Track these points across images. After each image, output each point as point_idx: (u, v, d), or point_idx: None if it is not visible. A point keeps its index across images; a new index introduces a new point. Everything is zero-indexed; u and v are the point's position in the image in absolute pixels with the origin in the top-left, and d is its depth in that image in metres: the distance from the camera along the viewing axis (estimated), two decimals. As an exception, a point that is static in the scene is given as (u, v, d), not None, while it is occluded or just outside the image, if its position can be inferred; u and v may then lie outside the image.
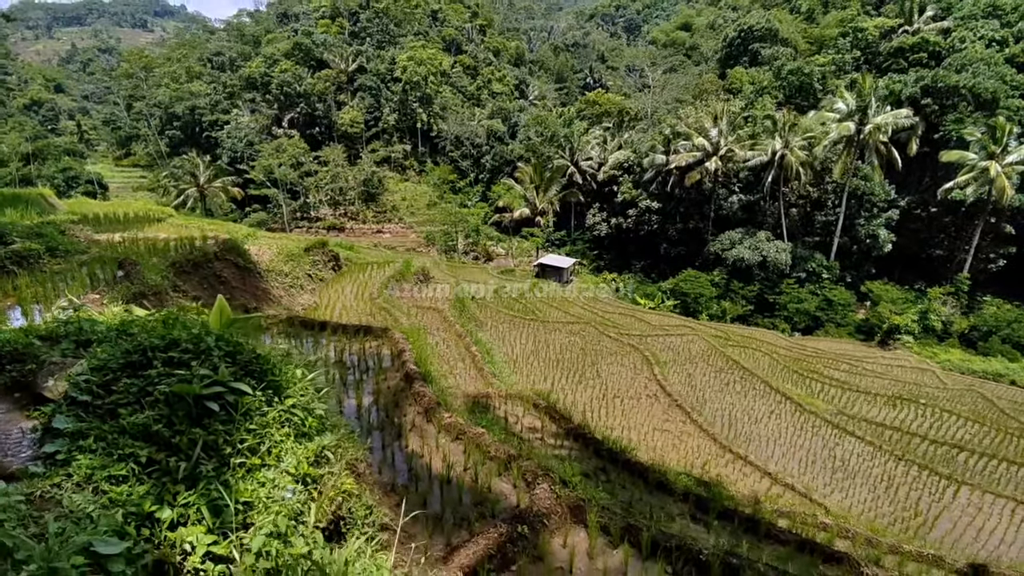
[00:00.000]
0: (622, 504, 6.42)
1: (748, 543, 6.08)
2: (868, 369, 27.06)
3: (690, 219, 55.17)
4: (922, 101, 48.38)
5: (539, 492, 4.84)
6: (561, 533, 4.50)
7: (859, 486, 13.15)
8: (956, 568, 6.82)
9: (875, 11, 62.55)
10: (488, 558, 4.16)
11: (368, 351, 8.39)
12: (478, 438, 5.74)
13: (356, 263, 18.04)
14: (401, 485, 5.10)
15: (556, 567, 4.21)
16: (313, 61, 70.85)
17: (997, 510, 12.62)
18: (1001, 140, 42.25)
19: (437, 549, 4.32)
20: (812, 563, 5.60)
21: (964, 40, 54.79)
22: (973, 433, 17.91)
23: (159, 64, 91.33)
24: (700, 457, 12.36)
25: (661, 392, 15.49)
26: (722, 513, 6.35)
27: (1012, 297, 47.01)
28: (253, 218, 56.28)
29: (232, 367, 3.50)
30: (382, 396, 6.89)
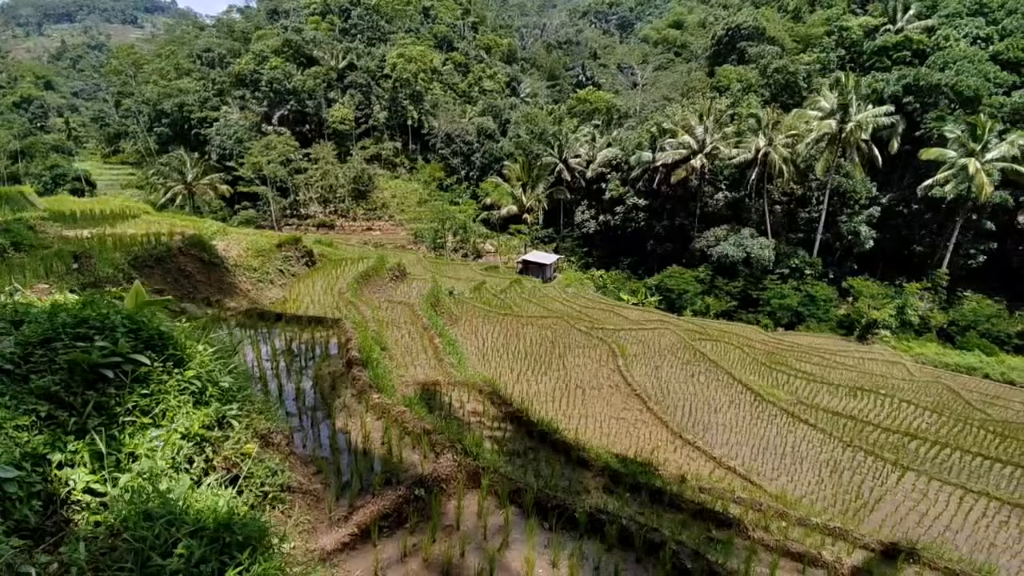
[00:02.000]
0: (544, 478, 6.91)
1: (651, 510, 6.58)
2: (839, 362, 27.67)
3: (676, 216, 55.76)
4: (904, 99, 49.01)
5: (442, 461, 5.30)
6: (458, 496, 4.96)
7: (806, 471, 13.69)
8: (863, 543, 7.31)
9: (861, 10, 63.12)
10: (384, 517, 4.62)
11: (317, 340, 8.84)
12: (400, 416, 6.19)
13: (331, 259, 18.44)
14: (321, 457, 5.56)
15: (446, 524, 4.68)
16: (303, 58, 70.91)
17: (944, 497, 13.14)
18: (981, 137, 42.87)
19: (342, 510, 4.77)
20: (705, 527, 6.10)
21: (948, 38, 55.40)
22: (930, 423, 18.50)
23: (148, 61, 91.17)
24: (651, 443, 12.86)
25: (622, 383, 15.99)
26: (634, 486, 6.83)
27: (992, 292, 47.77)
28: (242, 215, 56.51)
29: (133, 341, 3.95)
30: (322, 380, 7.34)
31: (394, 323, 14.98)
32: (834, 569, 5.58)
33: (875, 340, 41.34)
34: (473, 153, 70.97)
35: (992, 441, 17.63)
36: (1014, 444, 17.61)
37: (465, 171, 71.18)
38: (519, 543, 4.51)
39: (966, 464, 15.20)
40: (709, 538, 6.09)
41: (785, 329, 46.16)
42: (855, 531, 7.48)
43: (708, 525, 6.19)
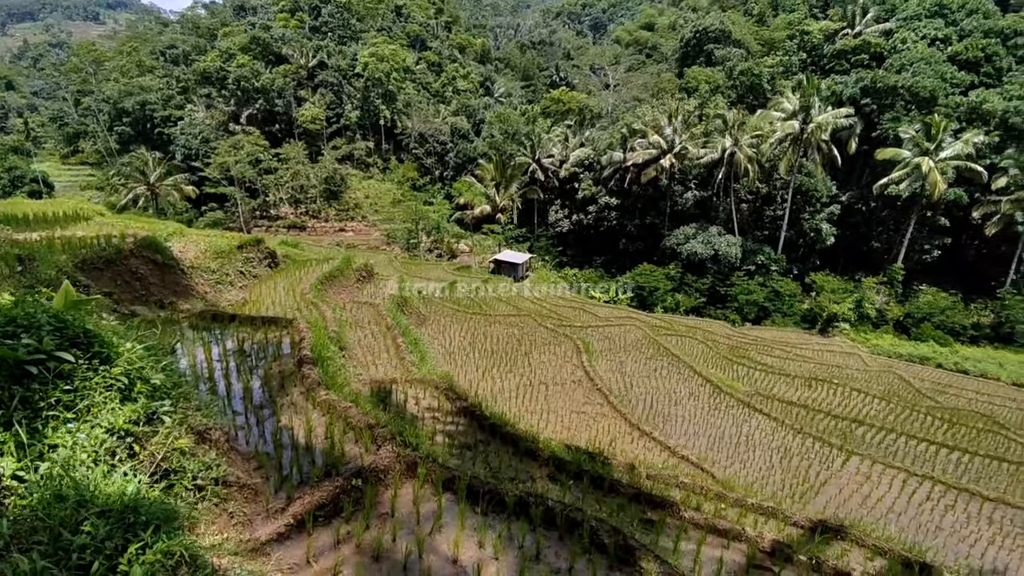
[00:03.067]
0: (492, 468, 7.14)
1: (592, 496, 6.88)
2: (799, 354, 28.70)
3: (647, 215, 56.78)
4: (862, 101, 50.98)
5: (382, 453, 5.48)
6: (394, 486, 5.15)
7: (757, 458, 14.27)
8: (794, 521, 7.77)
9: (822, 14, 65.35)
10: (320, 507, 4.77)
11: (271, 340, 8.88)
12: (345, 411, 6.33)
13: (295, 260, 18.31)
14: (263, 452, 5.66)
15: (382, 512, 4.86)
16: (271, 56, 69.62)
17: (887, 480, 13.87)
18: (935, 137, 44.79)
19: (279, 502, 4.90)
20: (641, 509, 6.43)
21: (905, 41, 57.74)
22: (878, 410, 19.42)
23: (109, 58, 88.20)
24: (610, 435, 13.24)
25: (585, 378, 16.36)
26: (577, 473, 7.13)
27: (947, 286, 50.08)
28: (209, 217, 55.21)
29: (59, 339, 4.02)
30: (271, 379, 7.42)
31: (357, 323, 15.01)
32: (755, 543, 5.95)
33: (835, 333, 42.97)
34: (447, 153, 70.86)
35: (939, 427, 18.62)
36: (962, 430, 18.64)
37: (439, 171, 71.01)
38: (450, 527, 4.72)
39: (911, 449, 16.04)
40: (644, 519, 6.42)
41: (752, 324, 47.49)
42: (787, 510, 7.93)
43: (644, 507, 6.52)
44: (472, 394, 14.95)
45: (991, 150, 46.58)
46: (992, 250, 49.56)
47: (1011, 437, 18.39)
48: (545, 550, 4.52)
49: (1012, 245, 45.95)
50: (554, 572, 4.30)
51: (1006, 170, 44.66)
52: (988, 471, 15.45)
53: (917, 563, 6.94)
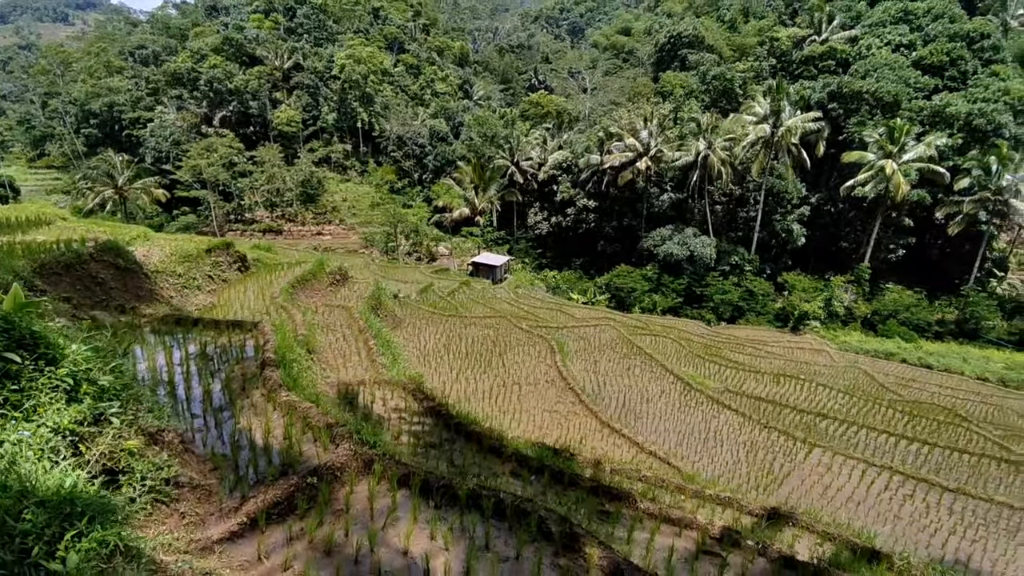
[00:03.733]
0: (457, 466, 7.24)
1: (553, 489, 7.05)
2: (770, 352, 29.43)
3: (624, 217, 57.55)
4: (829, 105, 52.59)
5: (339, 451, 5.55)
6: (350, 483, 5.22)
7: (725, 452, 14.66)
8: (749, 510, 8.06)
9: (790, 20, 67.25)
10: (275, 505, 4.82)
11: (234, 344, 8.83)
12: (306, 412, 6.38)
13: (267, 264, 18.10)
14: (220, 454, 5.67)
15: (337, 509, 4.93)
16: (245, 57, 68.55)
17: (847, 470, 14.36)
18: (898, 140, 46.44)
19: (233, 502, 4.92)
20: (599, 501, 6.62)
21: (871, 47, 59.71)
22: (842, 404, 20.08)
23: (77, 59, 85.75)
24: (580, 432, 13.46)
25: (558, 378, 16.58)
26: (539, 469, 7.29)
27: (913, 284, 51.86)
28: (181, 221, 54.08)
29: (5, 341, 4.02)
30: (233, 382, 7.40)
31: (329, 326, 14.94)
32: (706, 530, 6.18)
33: (806, 331, 44.14)
34: (426, 156, 70.70)
35: (900, 420, 19.33)
36: (923, 422, 19.38)
37: (418, 174, 70.81)
38: (403, 521, 4.82)
39: (872, 440, 16.63)
40: (601, 510, 6.61)
41: (727, 323, 48.45)
42: (742, 500, 8.22)
43: (602, 500, 6.71)
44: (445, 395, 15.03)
45: (954, 152, 48.40)
46: (956, 249, 51.50)
47: (972, 429, 19.18)
48: (494, 539, 4.65)
49: (975, 244, 47.85)
50: (502, 560, 4.44)
51: (969, 171, 46.48)
52: (949, 462, 16.10)
53: (864, 548, 7.28)
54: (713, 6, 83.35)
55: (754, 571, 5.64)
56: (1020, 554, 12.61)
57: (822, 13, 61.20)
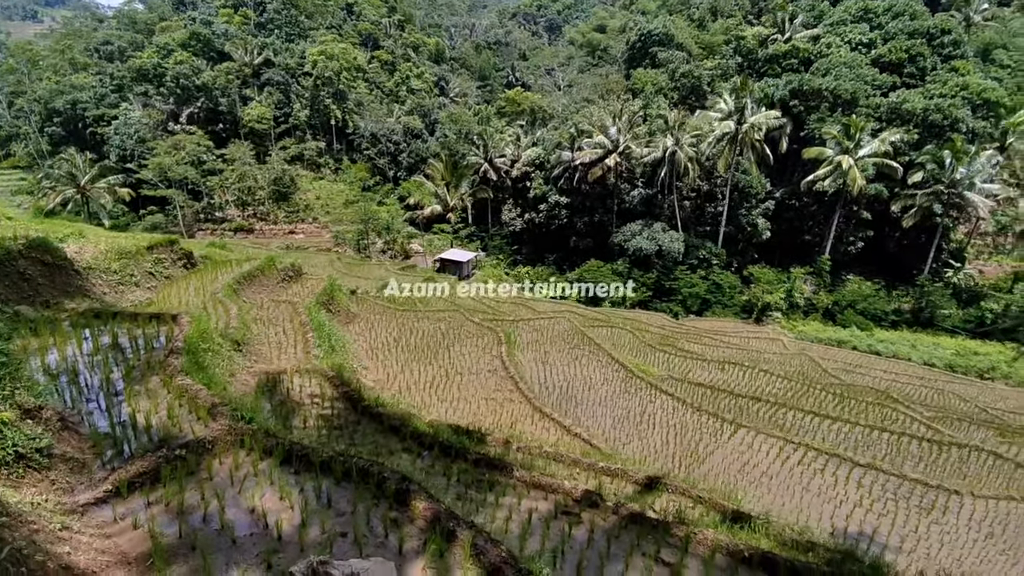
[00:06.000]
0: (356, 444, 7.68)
1: (442, 462, 7.56)
2: (725, 341, 30.37)
3: (596, 212, 58.30)
4: (791, 103, 53.92)
5: (213, 426, 5.96)
6: (221, 455, 5.65)
7: (655, 434, 15.34)
8: (634, 479, 8.66)
9: (756, 19, 68.65)
10: (142, 475, 5.23)
11: (149, 335, 9.14)
12: (196, 393, 6.76)
13: (216, 260, 18.27)
14: (103, 432, 6.04)
15: (202, 477, 5.35)
16: (213, 53, 67.64)
17: (767, 448, 15.13)
18: (855, 136, 47.94)
19: (104, 473, 5.32)
20: (479, 471, 7.14)
21: (831, 45, 61.29)
22: (779, 388, 20.96)
23: (44, 56, 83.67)
24: (512, 418, 13.99)
25: (501, 367, 17.09)
26: (430, 445, 7.79)
27: (872, 275, 53.61)
28: (148, 221, 53.34)
29: None
30: (135, 370, 7.74)
31: (271, 320, 15.24)
32: (569, 494, 6.73)
33: (769, 321, 45.47)
34: (400, 153, 70.64)
35: (830, 401, 20.26)
36: (851, 403, 20.33)
37: (393, 171, 70.73)
38: (259, 485, 5.25)
39: (798, 421, 17.47)
40: (481, 479, 7.13)
41: (696, 315, 49.56)
42: (630, 471, 8.82)
43: (483, 470, 7.23)
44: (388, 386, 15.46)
45: (911, 147, 50.01)
46: (912, 241, 53.25)
47: (900, 410, 20.19)
48: (338, 498, 5.12)
49: (931, 236, 49.62)
50: (339, 514, 4.90)
51: (923, 165, 48.13)
52: (868, 440, 17.00)
53: (732, 510, 7.91)
54: (685, 4, 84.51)
55: (604, 526, 6.20)
56: (933, 531, 13.45)
57: (785, 12, 62.64)
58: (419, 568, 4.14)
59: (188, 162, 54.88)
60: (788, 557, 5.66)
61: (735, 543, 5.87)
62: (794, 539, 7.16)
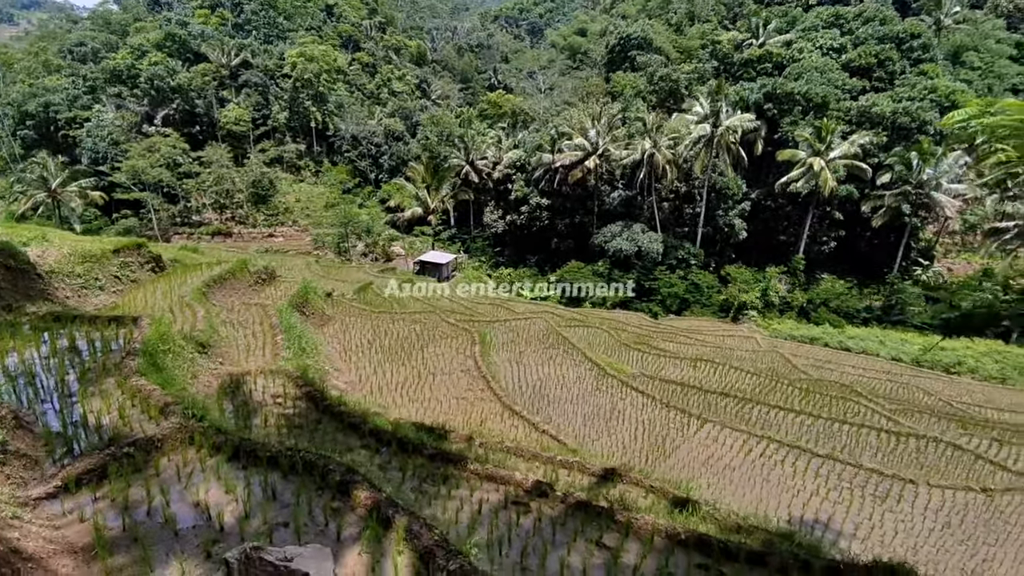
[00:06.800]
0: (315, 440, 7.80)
1: (398, 458, 7.72)
2: (700, 340, 30.95)
3: (576, 214, 58.85)
4: (765, 106, 55.14)
5: (164, 425, 6.05)
6: (170, 452, 5.75)
7: (625, 430, 15.66)
8: (591, 471, 8.92)
9: (731, 24, 70.08)
10: (89, 471, 5.31)
11: (108, 337, 9.14)
12: (149, 393, 6.83)
13: (186, 264, 18.11)
14: (56, 432, 6.10)
15: (150, 474, 5.46)
16: (189, 54, 66.74)
17: (731, 441, 15.56)
18: (825, 139, 49.22)
19: (55, 469, 5.39)
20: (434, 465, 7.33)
21: (803, 51, 62.89)
22: (749, 384, 21.49)
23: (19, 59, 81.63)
24: (482, 416, 14.18)
25: (474, 367, 17.27)
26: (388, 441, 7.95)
27: (845, 274, 54.98)
28: (121, 225, 52.33)
29: None
30: (91, 371, 7.77)
31: (241, 323, 15.21)
32: (520, 485, 6.96)
33: (746, 320, 46.37)
34: (381, 155, 70.44)
35: (797, 396, 20.84)
36: (817, 398, 20.92)
37: (374, 173, 70.48)
38: (205, 480, 5.38)
39: (763, 415, 17.96)
40: (435, 472, 7.32)
41: (675, 315, 50.28)
42: (587, 463, 9.09)
43: (438, 464, 7.42)
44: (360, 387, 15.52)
45: (880, 149, 51.48)
46: (883, 240, 54.76)
47: (862, 403, 20.83)
48: (282, 490, 5.27)
49: (899, 235, 51.09)
50: (284, 506, 5.05)
51: (891, 167, 49.59)
52: (829, 432, 17.55)
53: (682, 498, 8.21)
54: (664, 9, 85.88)
55: (551, 514, 6.43)
56: (887, 519, 13.94)
57: (759, 18, 64.05)
58: (355, 552, 4.31)
59: (163, 164, 54.02)
60: (721, 538, 5.95)
61: (673, 527, 6.14)
62: (738, 524, 7.48)
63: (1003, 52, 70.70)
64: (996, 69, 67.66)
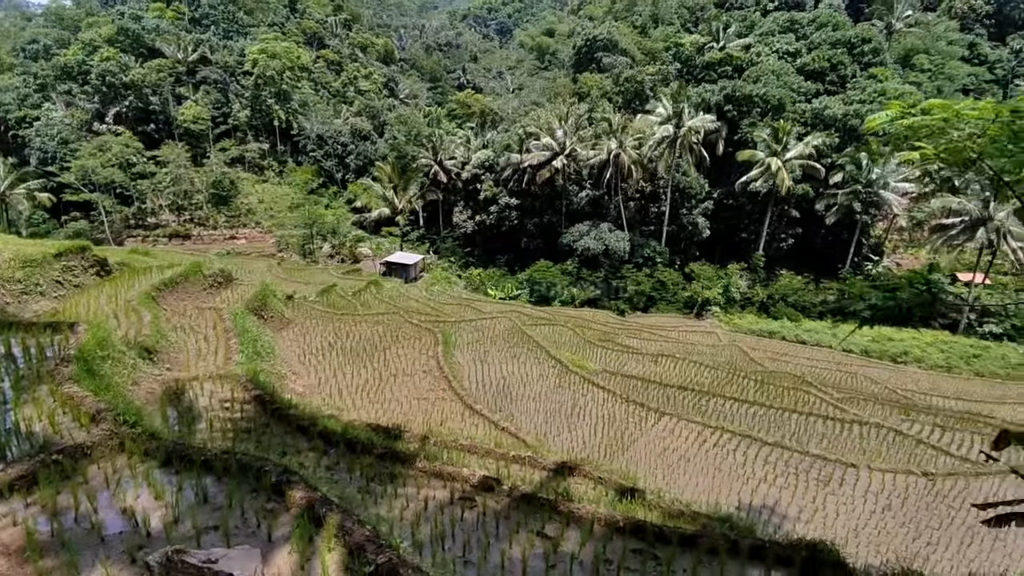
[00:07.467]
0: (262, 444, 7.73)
1: (347, 458, 7.74)
2: (663, 335, 31.72)
3: (545, 214, 59.34)
4: (725, 108, 56.83)
5: (94, 431, 5.93)
6: (99, 458, 5.65)
7: (585, 426, 16.00)
8: (544, 466, 9.13)
9: (694, 27, 71.93)
10: (20, 479, 5.18)
11: (44, 344, 8.83)
12: (80, 400, 6.67)
13: (133, 268, 17.48)
14: (-20, 442, 5.89)
15: (79, 481, 5.35)
16: (143, 49, 64.13)
17: (687, 433, 16.07)
18: (782, 140, 51.09)
19: (-24, 482, 5.22)
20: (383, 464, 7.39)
21: (760, 54, 65.09)
22: (707, 377, 22.21)
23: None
24: (443, 416, 14.26)
25: (436, 367, 17.31)
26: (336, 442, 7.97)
27: (804, 270, 57.08)
28: (71, 228, 49.93)
29: None
30: (25, 379, 7.51)
31: (193, 328, 14.83)
32: (467, 480, 7.09)
33: (709, 315, 47.73)
34: (348, 155, 69.33)
35: (752, 388, 21.63)
36: (771, 389, 21.76)
37: (341, 174, 69.32)
38: (135, 486, 5.31)
39: (718, 407, 18.59)
40: (383, 471, 7.37)
41: (642, 312, 51.29)
42: (540, 459, 9.29)
43: (387, 463, 7.48)
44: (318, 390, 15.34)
45: (832, 150, 53.70)
46: (836, 237, 57.14)
47: (812, 392, 21.77)
48: (215, 493, 5.26)
49: (852, 232, 53.45)
50: (215, 509, 5.04)
51: (843, 167, 51.83)
52: (779, 421, 18.30)
53: (628, 488, 8.50)
54: (629, 11, 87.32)
55: (496, 508, 6.58)
56: (830, 501, 14.63)
57: (719, 22, 65.93)
58: (285, 552, 4.35)
59: (115, 164, 51.78)
60: (656, 523, 6.22)
61: (613, 515, 6.38)
62: (680, 510, 7.80)
63: (955, 53, 73.46)
64: (947, 71, 70.59)
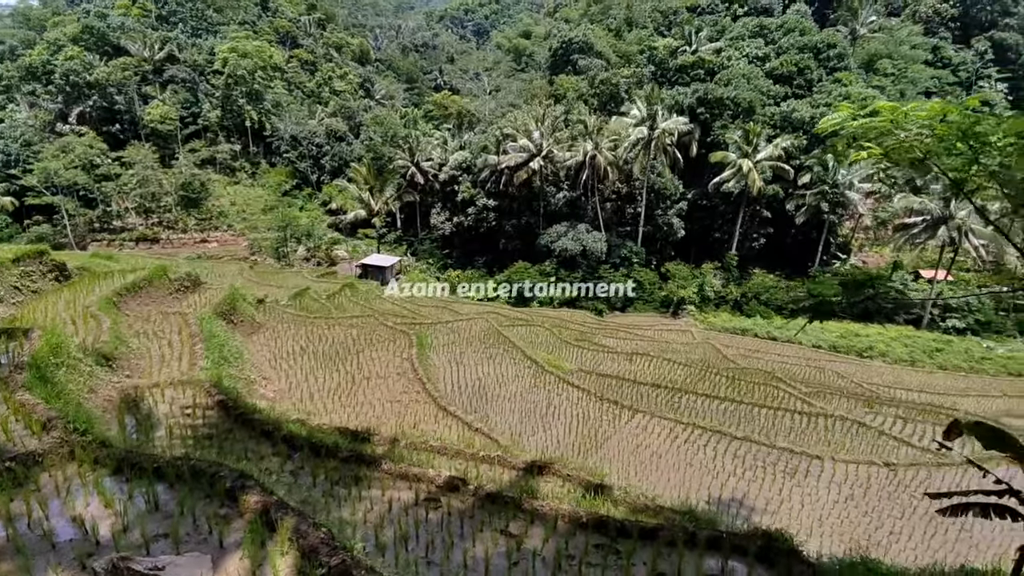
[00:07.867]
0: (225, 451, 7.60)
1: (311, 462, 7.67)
2: (639, 334, 32.15)
3: (523, 215, 59.52)
4: (698, 110, 57.95)
5: (46, 439, 5.78)
6: (51, 466, 5.50)
7: (560, 425, 16.13)
8: (514, 465, 9.20)
9: (667, 31, 73.16)
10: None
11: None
12: (32, 408, 6.47)
13: (94, 272, 16.93)
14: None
15: (31, 488, 5.21)
16: (109, 47, 62.11)
17: (659, 429, 16.34)
18: (752, 142, 52.35)
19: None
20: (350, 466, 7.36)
21: (731, 58, 66.58)
22: (679, 375, 22.61)
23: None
24: (416, 418, 14.22)
25: (410, 369, 17.23)
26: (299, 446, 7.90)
27: (776, 268, 58.51)
28: (33, 232, 48.02)
29: None
30: (-26, 387, 7.25)
31: (157, 333, 14.45)
32: (433, 481, 7.11)
33: (684, 314, 48.55)
34: (323, 156, 68.37)
35: (724, 384, 22.10)
36: (742, 385, 22.26)
37: (315, 175, 68.31)
38: (86, 494, 5.19)
39: (691, 403, 18.95)
40: (347, 475, 7.33)
41: (620, 312, 51.86)
42: (511, 458, 9.36)
43: (352, 466, 7.44)
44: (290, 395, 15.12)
45: (800, 151, 55.23)
46: (806, 236, 58.73)
47: (781, 388, 22.35)
48: (166, 501, 5.18)
49: (820, 231, 55.03)
50: (167, 516, 4.97)
51: (810, 168, 53.35)
52: (748, 416, 18.73)
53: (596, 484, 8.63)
54: (604, 14, 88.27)
55: (461, 508, 6.62)
56: (795, 492, 15.04)
57: (692, 26, 67.21)
58: (237, 557, 4.31)
59: (78, 166, 50.02)
60: (618, 518, 6.34)
61: (576, 511, 6.47)
62: (645, 504, 7.95)
63: (918, 57, 75.73)
64: (909, 74, 72.99)
